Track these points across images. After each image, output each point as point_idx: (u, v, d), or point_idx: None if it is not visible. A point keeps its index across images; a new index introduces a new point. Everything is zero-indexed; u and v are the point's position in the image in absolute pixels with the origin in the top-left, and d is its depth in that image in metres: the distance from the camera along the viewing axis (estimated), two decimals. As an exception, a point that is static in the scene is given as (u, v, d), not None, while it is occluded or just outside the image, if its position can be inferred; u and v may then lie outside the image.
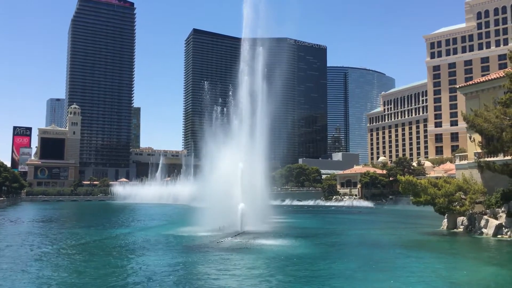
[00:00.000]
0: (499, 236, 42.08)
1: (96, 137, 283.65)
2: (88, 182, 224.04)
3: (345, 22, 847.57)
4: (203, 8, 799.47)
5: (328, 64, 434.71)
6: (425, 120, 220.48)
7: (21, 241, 40.89)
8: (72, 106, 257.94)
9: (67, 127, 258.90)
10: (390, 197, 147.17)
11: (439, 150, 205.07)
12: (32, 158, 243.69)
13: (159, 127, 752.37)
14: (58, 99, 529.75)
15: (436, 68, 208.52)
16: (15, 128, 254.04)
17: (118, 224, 64.30)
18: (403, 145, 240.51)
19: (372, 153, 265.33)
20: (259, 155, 53.25)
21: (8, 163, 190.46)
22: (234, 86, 54.34)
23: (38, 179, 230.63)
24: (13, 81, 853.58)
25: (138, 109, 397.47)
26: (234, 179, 47.03)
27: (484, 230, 43.82)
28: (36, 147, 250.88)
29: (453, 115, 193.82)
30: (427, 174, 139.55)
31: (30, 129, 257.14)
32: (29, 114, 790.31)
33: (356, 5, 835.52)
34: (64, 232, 51.34)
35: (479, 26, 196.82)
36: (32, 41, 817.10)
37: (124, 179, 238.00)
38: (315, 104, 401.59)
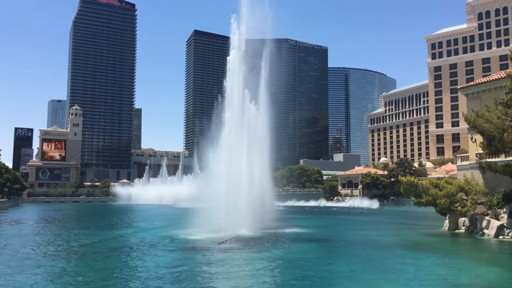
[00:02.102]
0: (500, 237, 42.03)
1: (98, 138, 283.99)
2: (90, 183, 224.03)
3: (346, 23, 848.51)
4: (204, 9, 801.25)
5: (329, 65, 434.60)
6: (426, 121, 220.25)
7: (21, 242, 40.88)
8: (74, 108, 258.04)
9: (68, 128, 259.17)
10: (392, 198, 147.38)
11: (440, 151, 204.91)
12: (34, 159, 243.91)
13: (160, 128, 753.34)
14: (59, 101, 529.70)
15: (437, 69, 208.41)
16: (16, 129, 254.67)
17: (119, 225, 64.32)
18: (405, 146, 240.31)
19: (373, 154, 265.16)
20: (261, 156, 53.02)
21: (9, 164, 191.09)
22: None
23: (40, 180, 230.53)
24: (15, 82, 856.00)
25: (139, 110, 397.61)
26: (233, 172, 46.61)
27: (485, 231, 43.76)
28: (37, 148, 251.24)
29: (454, 115, 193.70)
30: (428, 175, 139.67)
31: (31, 130, 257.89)
32: (31, 115, 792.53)
33: (357, 6, 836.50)
34: (64, 233, 51.33)
35: (480, 26, 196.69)
36: (34, 43, 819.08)
37: (125, 180, 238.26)
38: (316, 105, 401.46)
